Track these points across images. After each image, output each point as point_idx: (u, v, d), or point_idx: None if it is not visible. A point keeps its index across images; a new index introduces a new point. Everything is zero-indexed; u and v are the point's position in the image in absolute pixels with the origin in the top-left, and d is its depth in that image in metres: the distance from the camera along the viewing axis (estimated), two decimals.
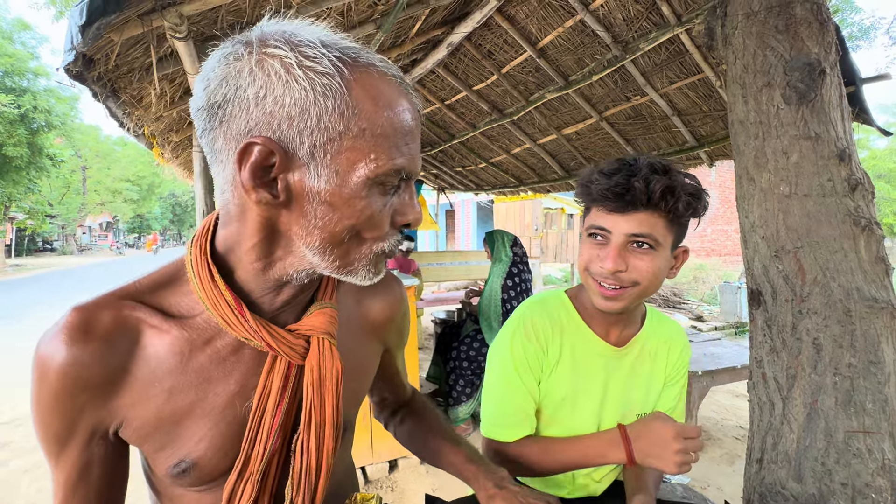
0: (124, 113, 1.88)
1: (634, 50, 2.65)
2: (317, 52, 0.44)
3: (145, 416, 0.52)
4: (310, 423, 0.56)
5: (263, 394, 0.55)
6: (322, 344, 0.57)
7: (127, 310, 0.52)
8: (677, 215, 0.79)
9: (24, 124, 15.36)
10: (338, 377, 0.57)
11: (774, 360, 1.18)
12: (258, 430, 0.54)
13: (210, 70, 0.46)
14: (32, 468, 2.65)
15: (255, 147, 0.44)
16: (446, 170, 5.99)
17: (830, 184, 1.14)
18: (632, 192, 0.77)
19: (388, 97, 0.47)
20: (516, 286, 2.80)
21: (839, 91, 1.23)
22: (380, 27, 2.28)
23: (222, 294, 0.51)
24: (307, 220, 0.48)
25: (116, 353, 0.51)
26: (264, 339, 0.52)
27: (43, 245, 27.55)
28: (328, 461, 0.58)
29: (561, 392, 0.93)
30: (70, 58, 1.22)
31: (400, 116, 0.48)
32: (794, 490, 1.09)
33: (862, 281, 1.09)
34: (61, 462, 0.52)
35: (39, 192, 18.60)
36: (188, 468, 0.54)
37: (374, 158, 0.46)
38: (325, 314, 0.58)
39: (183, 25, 1.29)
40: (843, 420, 1.05)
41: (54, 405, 0.50)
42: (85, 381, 0.49)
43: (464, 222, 17.78)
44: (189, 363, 0.53)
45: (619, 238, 0.80)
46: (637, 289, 0.82)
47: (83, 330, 0.49)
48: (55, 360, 0.48)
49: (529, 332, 0.93)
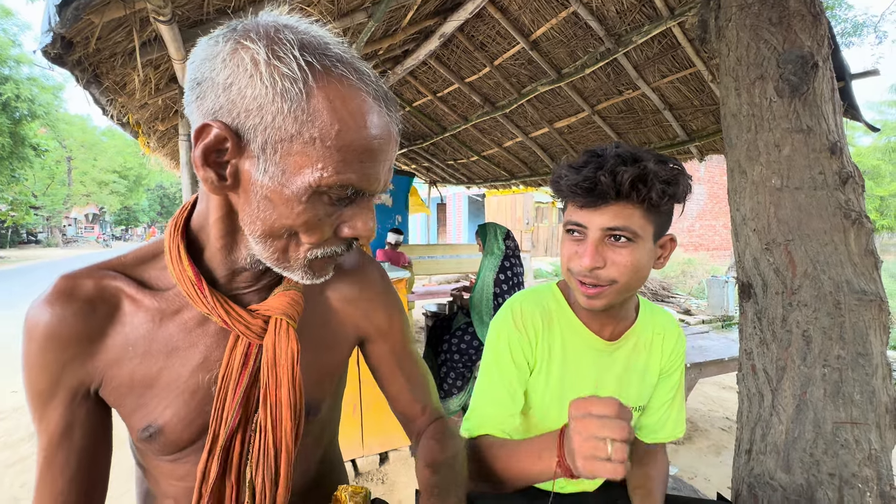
0: (108, 100, 1.83)
1: (627, 43, 2.64)
2: (288, 54, 0.44)
3: (121, 378, 0.56)
4: (265, 402, 0.57)
5: (227, 371, 0.57)
6: (279, 324, 0.58)
7: (108, 279, 0.56)
8: (652, 204, 0.75)
9: (6, 113, 15.01)
10: (293, 357, 0.58)
11: (764, 352, 1.19)
12: (223, 407, 0.56)
13: (199, 48, 0.49)
14: (17, 462, 2.60)
15: (211, 130, 0.46)
16: (438, 163, 5.96)
17: (822, 177, 1.15)
18: (600, 186, 0.74)
19: (351, 112, 0.47)
20: (508, 280, 2.80)
21: (831, 84, 1.23)
22: (371, 16, 2.24)
23: (185, 269, 0.55)
24: (251, 208, 0.50)
25: (97, 315, 0.55)
26: (220, 316, 0.55)
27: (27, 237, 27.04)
28: (287, 441, 0.58)
29: (551, 386, 0.91)
30: (47, 40, 1.18)
31: (359, 133, 0.47)
32: (783, 480, 1.10)
33: (851, 274, 1.10)
34: (44, 421, 0.55)
35: (23, 183, 18.21)
36: (154, 433, 0.57)
37: (321, 168, 0.46)
38: (288, 296, 0.60)
39: (167, 8, 1.25)
40: (832, 411, 1.06)
41: (40, 361, 0.54)
42: (67, 338, 0.53)
43: (455, 216, 17.77)
44: (159, 331, 0.57)
45: (595, 233, 0.77)
46: (616, 287, 0.79)
47: (67, 293, 0.54)
48: (41, 319, 0.53)
49: (518, 322, 0.91)
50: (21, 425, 3.07)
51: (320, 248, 0.52)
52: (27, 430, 2.99)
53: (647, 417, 1.00)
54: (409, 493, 2.21)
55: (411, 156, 5.99)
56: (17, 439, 2.89)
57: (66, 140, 25.48)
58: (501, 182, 5.75)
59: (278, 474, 0.58)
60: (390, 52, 3.17)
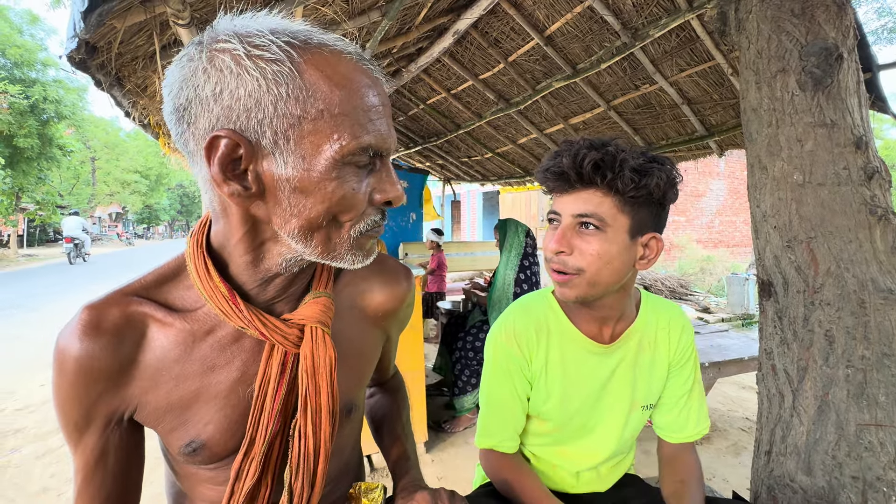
0: (130, 102, 1.88)
1: (644, 37, 2.60)
2: (264, 41, 0.44)
3: (156, 402, 0.57)
4: (305, 408, 0.58)
5: (264, 380, 0.57)
6: (315, 332, 0.58)
7: (133, 305, 0.56)
8: (620, 191, 0.75)
9: (34, 115, 15.46)
10: (331, 364, 0.59)
11: (785, 352, 1.16)
12: (261, 413, 0.57)
13: (171, 75, 0.48)
14: (46, 454, 2.70)
15: (220, 140, 0.45)
16: (452, 160, 5.95)
17: (846, 172, 1.12)
18: (563, 170, 0.76)
19: (344, 75, 0.46)
20: (528, 279, 2.79)
21: (857, 77, 1.19)
22: (385, 14, 2.25)
23: (217, 286, 0.54)
24: (282, 208, 0.49)
25: (125, 345, 0.55)
26: (258, 328, 0.55)
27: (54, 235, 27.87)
28: (325, 446, 0.59)
29: (552, 395, 0.91)
30: (73, 45, 1.21)
31: (359, 93, 0.47)
32: (804, 483, 1.08)
33: (877, 272, 1.07)
34: (80, 448, 0.56)
35: (50, 183, 18.76)
36: (198, 448, 0.58)
37: (337, 139, 0.46)
38: (319, 303, 0.59)
39: (185, 12, 1.28)
40: (855, 413, 1.03)
41: (72, 395, 0.54)
42: (98, 372, 0.53)
43: (469, 213, 17.74)
44: (193, 353, 0.57)
45: (566, 220, 0.79)
46: (584, 277, 0.78)
47: (94, 326, 0.53)
48: (71, 353, 0.53)
49: (511, 339, 0.91)
50: (49, 418, 3.18)
51: (361, 221, 0.51)
52: (55, 424, 3.09)
53: (663, 415, 0.98)
54: None
55: (425, 153, 6.00)
56: (46, 431, 2.99)
57: (91, 141, 26.16)
58: (516, 179, 5.72)
59: (315, 476, 0.59)
60: (404, 50, 3.17)
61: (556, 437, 0.95)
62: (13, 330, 5.71)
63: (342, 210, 0.49)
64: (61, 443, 2.77)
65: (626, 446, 1.00)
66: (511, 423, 0.92)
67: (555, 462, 0.98)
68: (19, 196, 16.54)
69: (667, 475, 0.96)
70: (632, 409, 0.93)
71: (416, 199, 6.67)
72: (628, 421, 0.95)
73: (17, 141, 14.78)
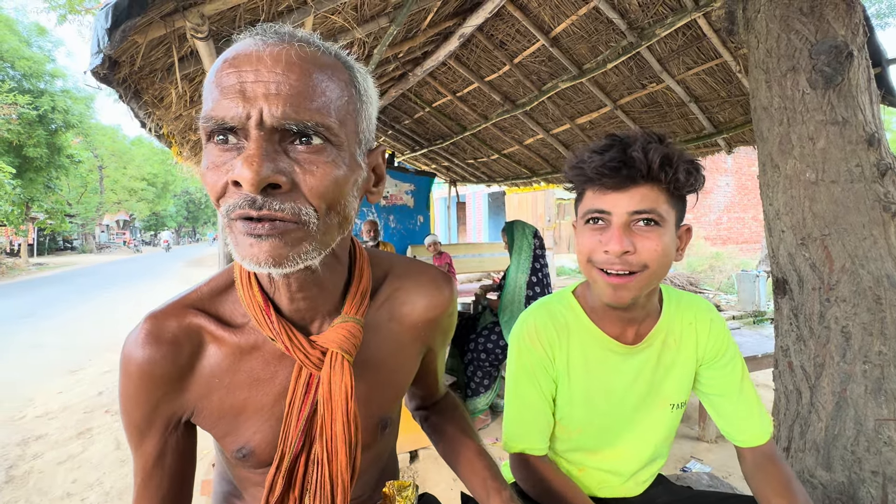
0: (146, 113, 1.92)
1: (650, 36, 2.61)
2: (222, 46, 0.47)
3: (210, 407, 0.60)
4: (321, 434, 0.59)
5: (293, 398, 0.59)
6: (335, 359, 0.58)
7: (190, 317, 0.59)
8: (678, 187, 0.73)
9: (43, 125, 15.71)
10: (346, 393, 0.58)
11: (801, 349, 1.17)
12: (288, 429, 0.59)
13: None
14: (67, 459, 2.74)
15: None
16: (458, 162, 5.98)
17: (859, 169, 1.12)
18: (629, 165, 0.71)
19: (218, 59, 0.47)
20: (540, 282, 2.80)
21: (867, 74, 1.20)
22: (393, 20, 2.28)
23: (255, 296, 0.57)
24: None
25: (183, 354, 0.58)
26: (284, 342, 0.57)
27: (63, 244, 28.19)
28: (343, 476, 0.58)
29: (575, 395, 0.89)
30: (97, 61, 1.25)
31: (217, 69, 0.46)
32: (823, 478, 1.09)
33: (892, 268, 1.07)
34: (140, 450, 0.60)
35: (59, 192, 19.02)
36: (248, 454, 0.61)
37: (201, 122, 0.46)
38: (345, 328, 0.59)
39: (204, 25, 1.31)
40: (874, 408, 1.04)
41: (135, 398, 0.58)
42: (158, 377, 0.57)
43: (475, 214, 17.74)
44: (241, 365, 0.60)
45: (621, 218, 0.74)
46: (647, 273, 0.75)
47: (155, 335, 0.57)
48: (134, 360, 0.56)
49: (534, 338, 0.89)
50: (69, 425, 3.23)
51: (223, 205, 0.46)
52: (75, 430, 3.14)
53: (722, 414, 0.92)
54: (438, 490, 2.24)
55: (431, 156, 6.02)
56: (66, 438, 3.03)
57: (98, 150, 26.48)
58: (523, 179, 5.73)
59: None
60: (410, 54, 3.21)
61: (582, 442, 0.93)
62: (31, 338, 5.80)
63: (210, 193, 0.47)
64: (82, 449, 2.81)
65: (662, 449, 0.96)
66: (540, 424, 0.90)
67: (589, 468, 0.95)
68: (29, 206, 16.78)
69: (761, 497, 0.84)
70: (664, 409, 0.91)
71: (424, 202, 6.70)
72: (659, 422, 0.92)
73: (26, 151, 15.03)
